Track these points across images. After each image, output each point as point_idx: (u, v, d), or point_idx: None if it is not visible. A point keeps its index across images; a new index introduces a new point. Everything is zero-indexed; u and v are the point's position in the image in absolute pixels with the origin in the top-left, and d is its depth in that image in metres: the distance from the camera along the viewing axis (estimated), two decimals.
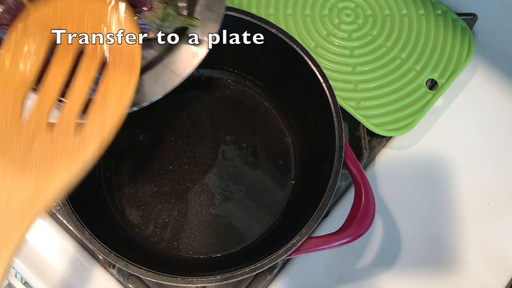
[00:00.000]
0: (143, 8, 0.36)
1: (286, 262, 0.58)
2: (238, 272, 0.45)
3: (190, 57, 0.40)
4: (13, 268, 0.57)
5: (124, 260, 0.45)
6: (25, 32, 0.33)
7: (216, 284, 0.47)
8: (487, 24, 0.70)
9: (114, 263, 0.45)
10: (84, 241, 0.55)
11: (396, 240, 0.59)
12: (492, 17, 0.71)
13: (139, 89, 0.38)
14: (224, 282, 0.46)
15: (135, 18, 0.36)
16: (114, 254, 0.45)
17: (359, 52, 0.65)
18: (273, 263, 0.46)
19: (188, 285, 0.45)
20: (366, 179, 0.49)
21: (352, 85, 0.63)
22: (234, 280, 0.45)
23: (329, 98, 0.51)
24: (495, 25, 0.71)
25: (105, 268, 0.56)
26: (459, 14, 0.68)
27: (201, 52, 0.40)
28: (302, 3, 0.68)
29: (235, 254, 0.56)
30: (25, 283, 0.58)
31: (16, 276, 0.60)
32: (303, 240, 0.46)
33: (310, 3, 0.68)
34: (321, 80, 0.51)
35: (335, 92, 0.51)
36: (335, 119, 0.50)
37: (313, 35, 0.66)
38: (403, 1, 0.68)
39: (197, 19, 0.38)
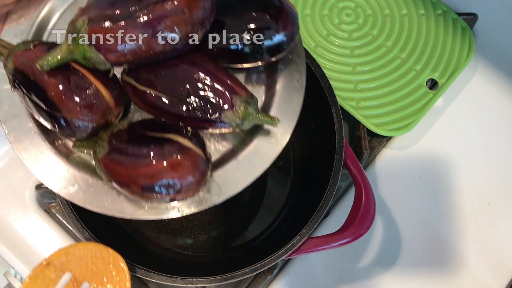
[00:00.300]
0: (225, 107, 0.35)
1: (286, 262, 0.58)
2: (238, 273, 0.45)
3: (264, 153, 0.38)
4: (13, 268, 0.57)
5: (123, 260, 0.45)
6: (47, 267, 0.42)
7: (216, 284, 0.47)
8: (488, 24, 0.70)
9: None
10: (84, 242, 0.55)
11: (396, 240, 0.59)
12: (493, 17, 0.71)
13: (210, 188, 0.37)
14: (224, 283, 0.46)
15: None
16: None
17: (359, 52, 0.65)
18: (273, 263, 0.46)
19: (188, 285, 0.45)
20: (367, 179, 0.49)
21: (352, 85, 0.63)
22: (234, 280, 0.45)
23: (329, 98, 0.50)
24: (496, 25, 0.71)
25: None
26: (460, 14, 0.68)
27: (276, 148, 0.38)
28: (302, 3, 0.67)
29: (235, 254, 0.56)
30: None
31: (15, 276, 0.59)
32: (303, 240, 0.46)
33: (310, 3, 0.68)
34: (321, 80, 0.51)
35: (335, 92, 0.51)
36: (335, 119, 0.50)
37: (313, 35, 0.66)
38: (403, 1, 0.68)
39: (276, 119, 0.36)
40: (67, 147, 0.38)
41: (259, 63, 0.38)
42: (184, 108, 0.35)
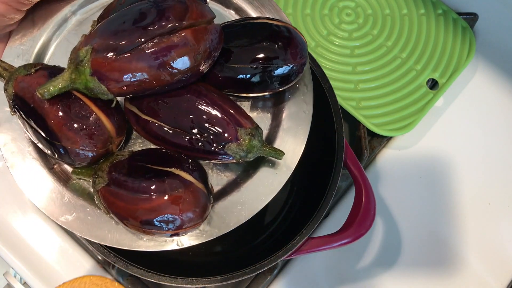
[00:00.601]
0: (229, 139, 0.34)
1: (286, 263, 0.58)
2: (238, 273, 0.45)
3: (268, 185, 0.37)
4: (12, 268, 0.57)
5: (123, 260, 0.45)
6: None
7: (216, 284, 0.47)
8: (488, 24, 0.70)
9: (113, 263, 0.45)
10: (83, 242, 0.55)
11: (396, 241, 0.59)
12: (493, 16, 0.71)
13: (210, 220, 0.36)
14: (224, 283, 0.45)
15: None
16: (113, 254, 0.45)
17: (359, 51, 0.65)
18: (273, 264, 0.45)
19: (188, 285, 0.45)
20: (367, 179, 0.49)
21: (353, 85, 0.63)
22: (234, 280, 0.45)
23: (329, 98, 0.50)
24: (496, 25, 0.71)
25: (105, 268, 0.56)
26: (460, 14, 0.68)
27: (280, 180, 0.38)
28: (302, 3, 0.67)
29: (235, 255, 0.56)
30: (24, 284, 0.57)
31: (15, 276, 0.59)
32: (303, 240, 0.46)
33: (310, 3, 0.68)
34: (321, 80, 0.51)
35: (335, 92, 0.50)
36: (335, 119, 0.50)
37: (313, 35, 0.66)
38: (404, 1, 0.68)
39: (282, 152, 0.36)
40: (66, 173, 0.38)
41: (266, 92, 0.37)
42: (187, 139, 0.34)
